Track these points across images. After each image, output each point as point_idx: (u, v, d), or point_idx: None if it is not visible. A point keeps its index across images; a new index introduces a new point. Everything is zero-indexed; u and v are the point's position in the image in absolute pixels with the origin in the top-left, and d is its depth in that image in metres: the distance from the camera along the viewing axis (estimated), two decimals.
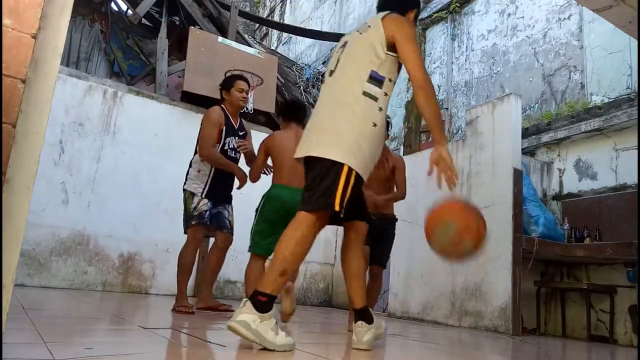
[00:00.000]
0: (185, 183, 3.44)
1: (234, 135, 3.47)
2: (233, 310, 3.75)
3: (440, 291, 4.62)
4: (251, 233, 3.00)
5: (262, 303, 1.74)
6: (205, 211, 3.35)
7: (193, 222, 3.33)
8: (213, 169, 3.38)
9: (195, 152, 3.47)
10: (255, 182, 3.20)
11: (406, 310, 4.94)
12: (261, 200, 2.99)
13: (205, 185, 3.37)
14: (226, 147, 3.43)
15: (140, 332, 2.08)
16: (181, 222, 3.40)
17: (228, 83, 3.54)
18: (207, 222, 3.38)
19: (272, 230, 2.81)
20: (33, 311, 2.51)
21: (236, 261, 5.71)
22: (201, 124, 3.46)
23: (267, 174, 3.26)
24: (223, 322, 3.06)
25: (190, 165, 3.47)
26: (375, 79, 1.97)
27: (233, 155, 3.47)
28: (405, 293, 5.01)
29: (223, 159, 3.34)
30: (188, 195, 3.38)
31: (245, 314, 1.71)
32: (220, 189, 3.43)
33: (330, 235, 6.71)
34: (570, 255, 4.17)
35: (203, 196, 3.35)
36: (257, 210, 2.98)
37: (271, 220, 2.88)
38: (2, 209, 1.13)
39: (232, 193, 3.58)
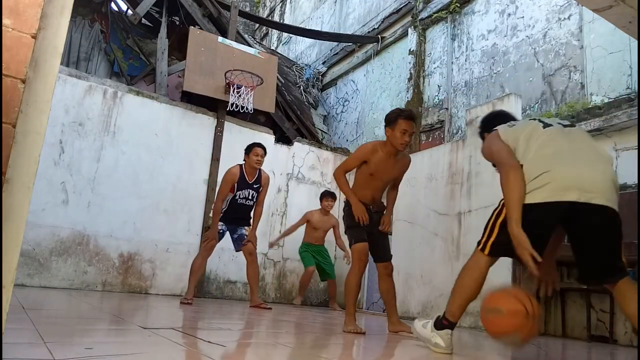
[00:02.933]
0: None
1: (248, 188, 4.48)
2: (270, 308, 4.40)
3: (440, 291, 4.62)
4: None
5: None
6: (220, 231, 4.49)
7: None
8: (227, 205, 4.52)
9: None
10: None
11: (406, 310, 4.94)
12: None
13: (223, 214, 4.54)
14: (237, 197, 4.46)
15: (140, 332, 2.08)
16: (181, 221, 3.49)
17: (249, 149, 4.52)
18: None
19: None
20: (33, 311, 2.51)
21: (236, 261, 5.72)
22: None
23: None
24: (223, 322, 3.06)
25: None
26: None
27: (245, 203, 4.50)
28: (405, 293, 5.01)
29: (216, 217, 4.42)
30: None
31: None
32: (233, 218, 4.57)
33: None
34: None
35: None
36: None
37: None
38: (2, 209, 1.13)
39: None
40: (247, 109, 5.84)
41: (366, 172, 3.10)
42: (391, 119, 3.04)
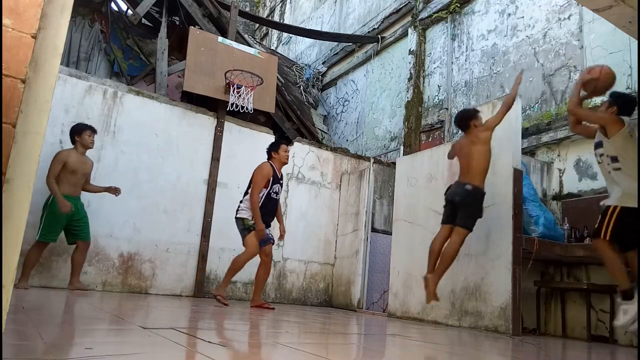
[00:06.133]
0: (238, 213, 4.57)
1: (278, 183, 4.71)
2: (273, 308, 4.49)
3: (440, 291, 4.61)
4: None
5: None
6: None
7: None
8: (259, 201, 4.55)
9: (247, 193, 4.61)
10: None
11: (406, 310, 4.94)
12: None
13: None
14: (270, 191, 4.62)
15: (140, 332, 2.08)
16: (181, 221, 3.50)
17: (277, 146, 4.80)
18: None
19: None
20: (33, 311, 2.51)
21: None
22: (254, 174, 4.61)
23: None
24: (223, 322, 3.06)
25: (241, 202, 4.63)
26: None
27: (275, 197, 4.69)
28: (405, 293, 5.00)
29: (257, 212, 4.44)
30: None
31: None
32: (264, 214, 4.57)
33: (331, 235, 6.71)
34: (570, 255, 4.17)
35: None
36: None
37: None
38: (2, 209, 1.13)
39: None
40: (247, 109, 5.84)
41: None
42: None
